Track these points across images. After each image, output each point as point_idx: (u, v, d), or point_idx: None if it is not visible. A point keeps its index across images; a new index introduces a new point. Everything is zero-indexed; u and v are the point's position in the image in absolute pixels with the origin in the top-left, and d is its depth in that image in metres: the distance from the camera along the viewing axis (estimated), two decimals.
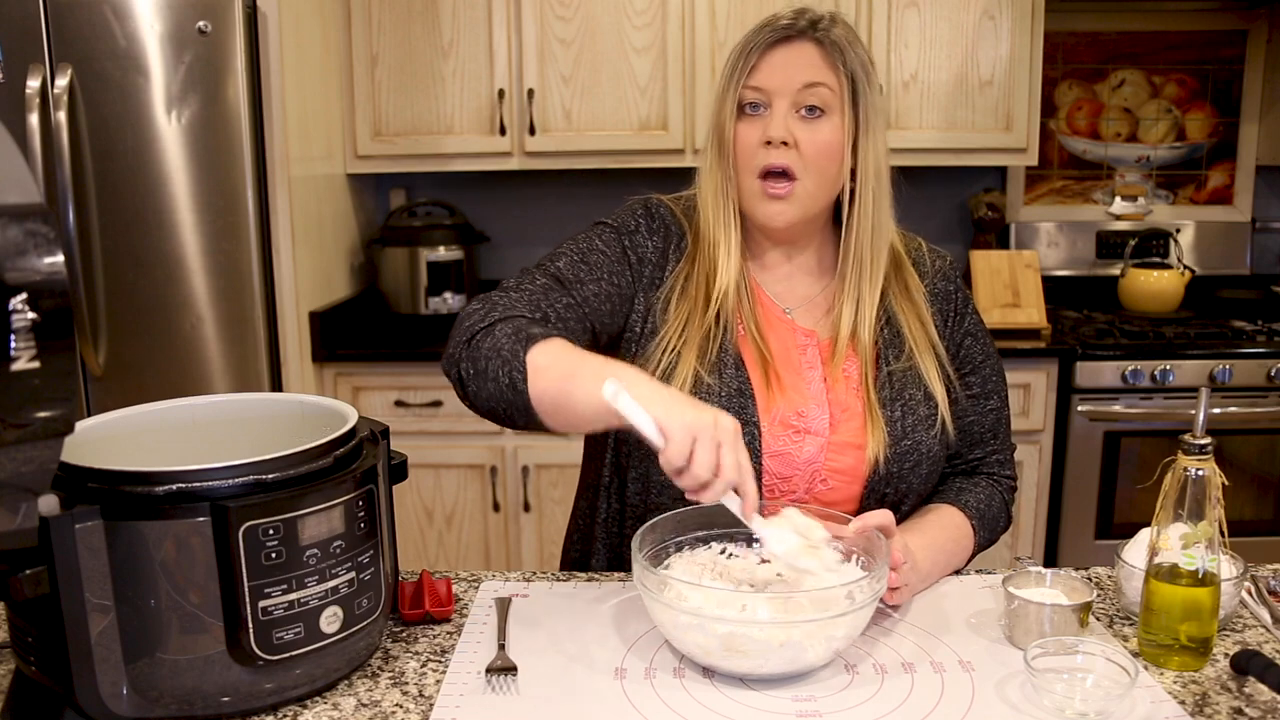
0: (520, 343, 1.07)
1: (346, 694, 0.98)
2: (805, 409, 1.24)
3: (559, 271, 1.22)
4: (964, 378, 1.31)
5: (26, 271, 0.68)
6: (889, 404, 1.24)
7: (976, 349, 1.33)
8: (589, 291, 1.22)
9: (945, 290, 1.33)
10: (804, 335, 1.28)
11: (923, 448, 1.24)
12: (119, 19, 2.29)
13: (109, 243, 2.37)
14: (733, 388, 1.22)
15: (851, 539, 1.10)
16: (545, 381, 1.04)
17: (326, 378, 2.69)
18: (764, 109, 1.21)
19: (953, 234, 3.25)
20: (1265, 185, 3.26)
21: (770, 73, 1.20)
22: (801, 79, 1.19)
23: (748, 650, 0.96)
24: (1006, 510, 1.34)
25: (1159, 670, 1.01)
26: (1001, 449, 1.35)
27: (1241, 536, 2.54)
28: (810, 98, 1.19)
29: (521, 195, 3.25)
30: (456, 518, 2.77)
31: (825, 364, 1.27)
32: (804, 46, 1.20)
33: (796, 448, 1.23)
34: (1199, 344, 2.68)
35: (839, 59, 1.20)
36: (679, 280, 1.27)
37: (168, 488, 0.86)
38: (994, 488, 1.33)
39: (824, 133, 1.20)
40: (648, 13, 2.77)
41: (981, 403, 1.32)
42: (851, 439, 1.23)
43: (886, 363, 1.27)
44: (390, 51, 2.82)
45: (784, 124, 1.19)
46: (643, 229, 1.29)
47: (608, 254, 1.26)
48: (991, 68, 2.80)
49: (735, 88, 1.21)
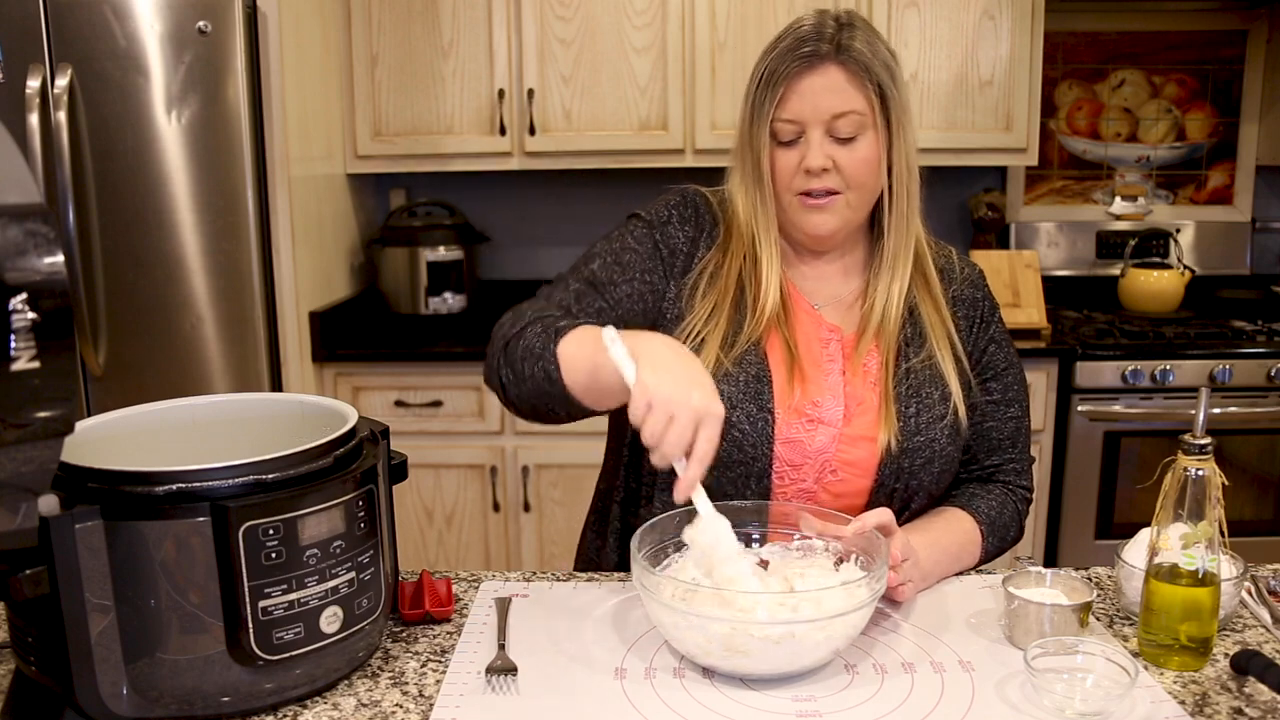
0: (550, 337, 1.13)
1: (346, 694, 0.98)
2: (821, 399, 1.25)
3: (593, 275, 1.26)
4: (985, 384, 1.31)
5: (26, 271, 0.68)
6: (905, 399, 1.25)
7: (1000, 356, 1.33)
8: (622, 293, 1.26)
9: (973, 297, 1.34)
10: (829, 330, 1.30)
11: (935, 445, 1.24)
12: (119, 19, 2.29)
13: (109, 243, 2.37)
14: (751, 374, 1.24)
15: (850, 539, 1.10)
16: (577, 366, 1.10)
17: (326, 378, 2.69)
18: (799, 139, 1.22)
19: (953, 234, 3.24)
20: (1265, 185, 3.26)
21: (800, 104, 1.21)
22: (831, 109, 1.20)
23: (748, 650, 0.96)
24: (1019, 520, 1.33)
25: (1159, 670, 1.01)
26: (1019, 459, 1.34)
27: (1241, 536, 2.54)
28: (843, 127, 1.20)
29: (521, 195, 3.25)
30: (456, 518, 2.77)
31: (847, 358, 1.28)
32: (829, 72, 1.20)
33: (809, 436, 1.24)
34: (1199, 344, 2.68)
35: (865, 77, 1.20)
36: (708, 268, 1.29)
37: (168, 488, 0.86)
38: (1008, 496, 1.32)
39: (861, 151, 1.21)
40: (648, 13, 2.77)
41: (1002, 409, 1.32)
42: (864, 432, 1.24)
43: (906, 359, 1.27)
44: (390, 51, 2.83)
45: (821, 152, 1.21)
46: (674, 219, 1.31)
47: (639, 251, 1.28)
48: (991, 68, 2.80)
49: (766, 120, 1.22)
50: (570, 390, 1.10)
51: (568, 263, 1.34)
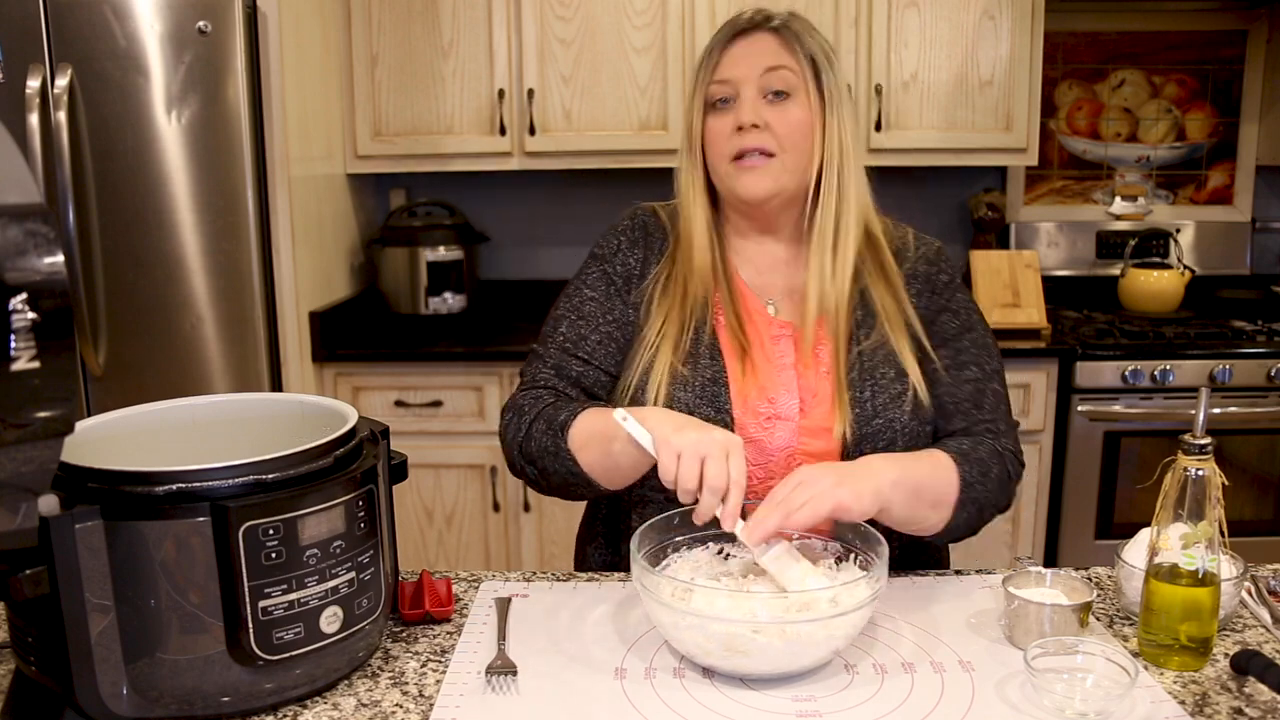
0: (557, 435, 1.21)
1: (346, 694, 0.98)
2: (776, 395, 1.26)
3: (563, 339, 1.32)
4: (936, 350, 1.29)
5: (26, 271, 0.68)
6: (858, 385, 1.25)
7: (953, 324, 1.31)
8: (593, 343, 1.31)
9: (927, 272, 1.34)
10: (779, 327, 1.31)
11: (896, 425, 1.24)
12: (119, 19, 2.29)
13: (109, 243, 2.37)
14: (707, 376, 1.25)
15: (850, 538, 1.10)
16: (591, 456, 1.19)
17: (326, 378, 2.69)
18: (732, 101, 1.27)
19: (953, 234, 3.24)
20: (1265, 185, 3.26)
21: (733, 64, 1.26)
22: (763, 64, 1.25)
23: (747, 650, 0.96)
24: (1001, 462, 1.24)
25: (1159, 670, 1.01)
26: (991, 420, 1.27)
27: (1241, 536, 2.54)
28: (775, 81, 1.25)
29: (521, 195, 3.25)
30: (456, 518, 2.77)
31: (799, 352, 1.29)
32: (762, 37, 1.27)
33: (768, 435, 1.25)
34: (1199, 344, 2.68)
35: (796, 44, 1.26)
36: (659, 280, 1.32)
37: (168, 488, 0.86)
38: (980, 440, 1.24)
39: (793, 112, 1.26)
40: (648, 13, 2.77)
41: (954, 374, 1.28)
42: (821, 422, 1.25)
43: (857, 342, 1.28)
44: (390, 51, 2.82)
45: (753, 108, 1.25)
46: (623, 245, 1.36)
47: (596, 297, 1.33)
48: (991, 68, 2.80)
49: (703, 86, 1.28)
50: (592, 476, 1.20)
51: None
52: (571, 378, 1.30)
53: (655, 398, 1.24)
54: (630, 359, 1.30)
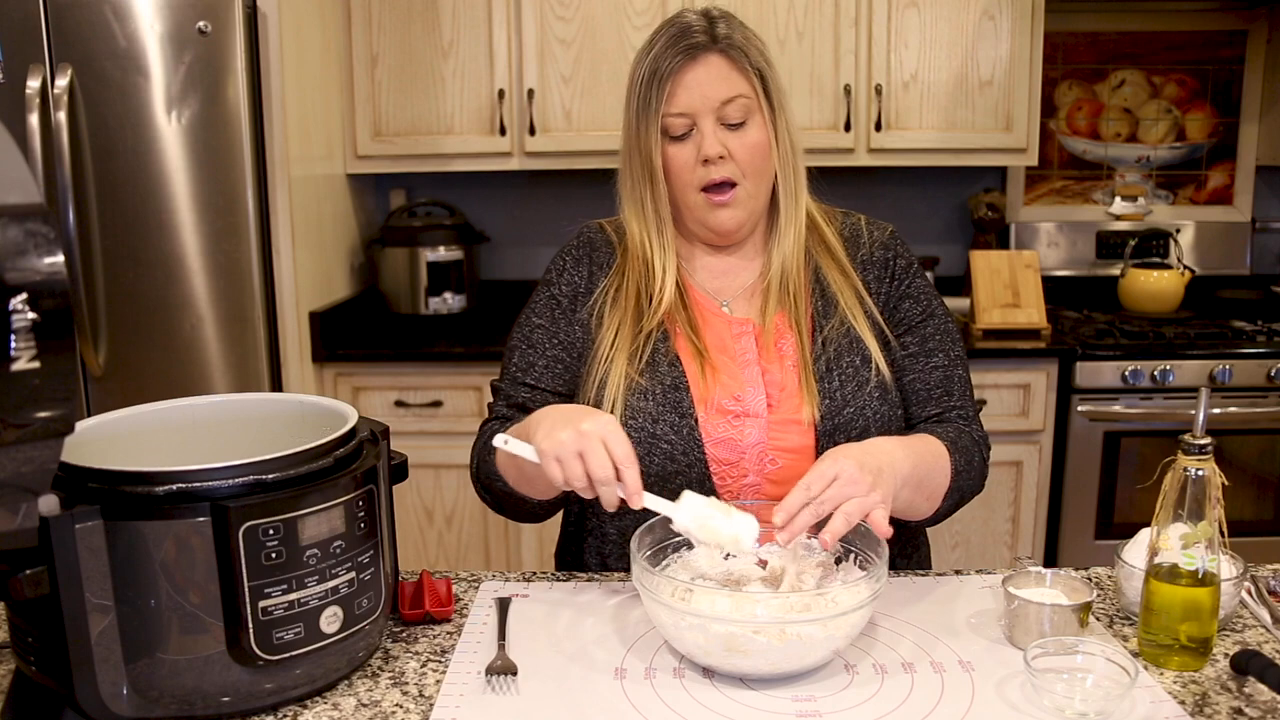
0: (490, 459, 1.25)
1: (346, 694, 0.98)
2: (742, 393, 1.26)
3: (514, 369, 1.34)
4: (900, 338, 1.31)
5: (26, 271, 0.68)
6: (825, 375, 1.26)
7: (915, 310, 1.32)
8: (540, 369, 1.32)
9: (883, 258, 1.35)
10: (739, 325, 1.31)
11: (867, 412, 1.25)
12: (119, 19, 2.29)
13: (109, 243, 2.37)
14: (666, 383, 1.26)
15: (849, 535, 1.10)
16: (511, 476, 1.22)
17: (326, 378, 2.69)
18: (690, 131, 1.26)
19: (953, 234, 3.25)
20: (1265, 185, 3.26)
21: (689, 96, 1.24)
22: (718, 96, 1.24)
23: (747, 650, 0.96)
24: (980, 452, 1.29)
25: (1159, 670, 1.01)
26: (962, 406, 1.31)
27: (1241, 536, 2.54)
28: (733, 114, 1.25)
29: (521, 195, 3.25)
30: (456, 518, 2.77)
31: (762, 348, 1.29)
32: (712, 61, 1.24)
33: (738, 432, 1.25)
34: (1199, 344, 2.68)
35: (745, 60, 1.25)
36: (609, 292, 1.33)
37: (168, 488, 0.86)
38: (960, 427, 1.29)
39: (751, 135, 1.26)
40: (648, 13, 2.77)
41: (921, 361, 1.31)
42: (791, 415, 1.25)
43: (820, 329, 1.28)
44: (390, 52, 2.82)
45: (715, 140, 1.25)
46: (568, 265, 1.37)
47: (544, 324, 1.34)
48: (991, 68, 2.80)
49: (657, 117, 1.26)
50: (522, 493, 1.22)
51: None
52: (520, 404, 1.31)
53: (612, 408, 1.25)
54: (585, 373, 1.31)
